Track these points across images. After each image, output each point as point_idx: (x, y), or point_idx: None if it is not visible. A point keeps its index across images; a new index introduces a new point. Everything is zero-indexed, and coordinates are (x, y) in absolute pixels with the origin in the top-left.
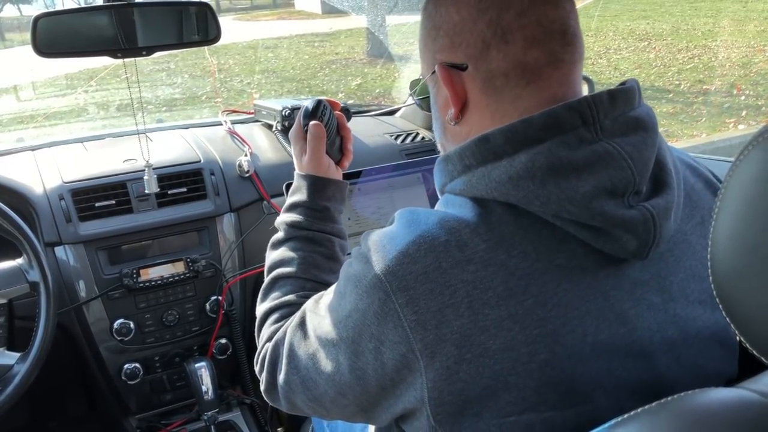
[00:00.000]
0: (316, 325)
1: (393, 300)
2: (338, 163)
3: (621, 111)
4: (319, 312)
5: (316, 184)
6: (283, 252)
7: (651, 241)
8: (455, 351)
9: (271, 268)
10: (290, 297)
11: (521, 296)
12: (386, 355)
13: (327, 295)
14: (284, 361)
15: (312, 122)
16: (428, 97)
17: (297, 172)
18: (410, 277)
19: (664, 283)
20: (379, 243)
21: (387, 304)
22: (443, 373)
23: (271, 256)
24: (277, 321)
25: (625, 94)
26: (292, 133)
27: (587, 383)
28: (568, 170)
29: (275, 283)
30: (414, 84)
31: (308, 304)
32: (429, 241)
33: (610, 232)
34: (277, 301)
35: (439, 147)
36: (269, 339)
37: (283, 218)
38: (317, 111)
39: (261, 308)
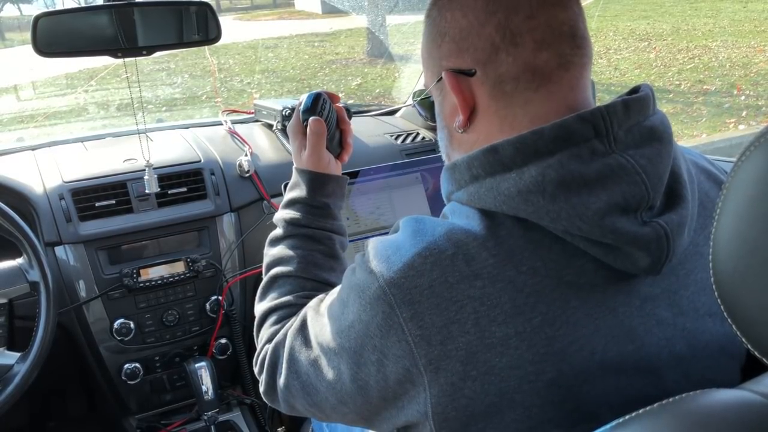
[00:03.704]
0: (317, 332)
1: (397, 313)
2: (338, 156)
3: (635, 120)
4: (321, 318)
5: (316, 181)
6: (282, 250)
7: (664, 258)
8: (460, 368)
9: (270, 266)
10: (290, 297)
11: (529, 314)
12: (389, 368)
13: (329, 301)
14: (284, 365)
15: (312, 118)
16: (433, 106)
17: (296, 167)
18: (416, 290)
19: (674, 298)
20: (383, 253)
21: (391, 318)
22: (448, 389)
23: (270, 253)
24: (276, 322)
25: (639, 103)
26: (290, 127)
27: (594, 401)
28: (580, 185)
29: (274, 282)
30: (418, 94)
31: (309, 308)
32: (436, 254)
33: (622, 249)
34: (276, 301)
35: (444, 157)
36: (269, 340)
37: (282, 215)
38: (317, 105)
39: (260, 308)
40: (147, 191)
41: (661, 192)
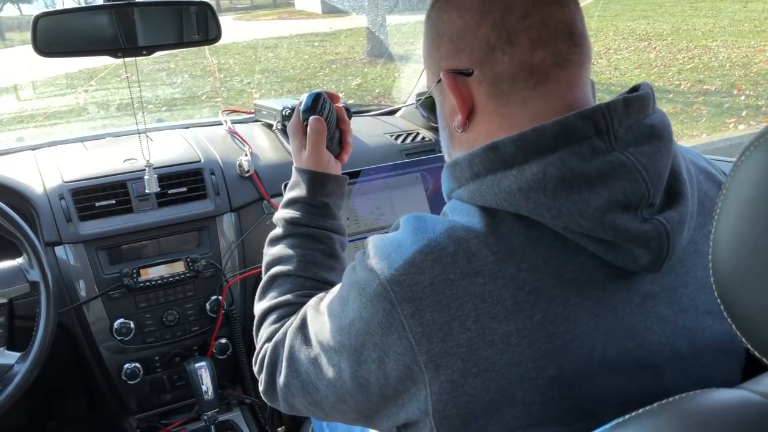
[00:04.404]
0: (317, 330)
1: (398, 310)
2: (338, 156)
3: (635, 119)
4: (321, 316)
5: (316, 180)
6: (282, 249)
7: (664, 256)
8: (461, 365)
9: (270, 266)
10: (289, 296)
11: (530, 311)
12: (390, 365)
13: (329, 299)
14: (284, 363)
15: (312, 117)
16: (435, 106)
17: (296, 166)
18: (417, 287)
19: (674, 296)
20: (384, 250)
21: (392, 315)
22: (448, 386)
23: (270, 252)
24: (276, 321)
25: (639, 101)
26: (290, 126)
27: (594, 399)
28: (581, 182)
29: (274, 281)
30: (420, 95)
31: (309, 307)
32: (437, 251)
33: (622, 246)
34: (276, 300)
35: (446, 157)
36: (269, 339)
37: (282, 214)
38: (317, 104)
39: (259, 307)
40: (147, 191)
41: (662, 189)
